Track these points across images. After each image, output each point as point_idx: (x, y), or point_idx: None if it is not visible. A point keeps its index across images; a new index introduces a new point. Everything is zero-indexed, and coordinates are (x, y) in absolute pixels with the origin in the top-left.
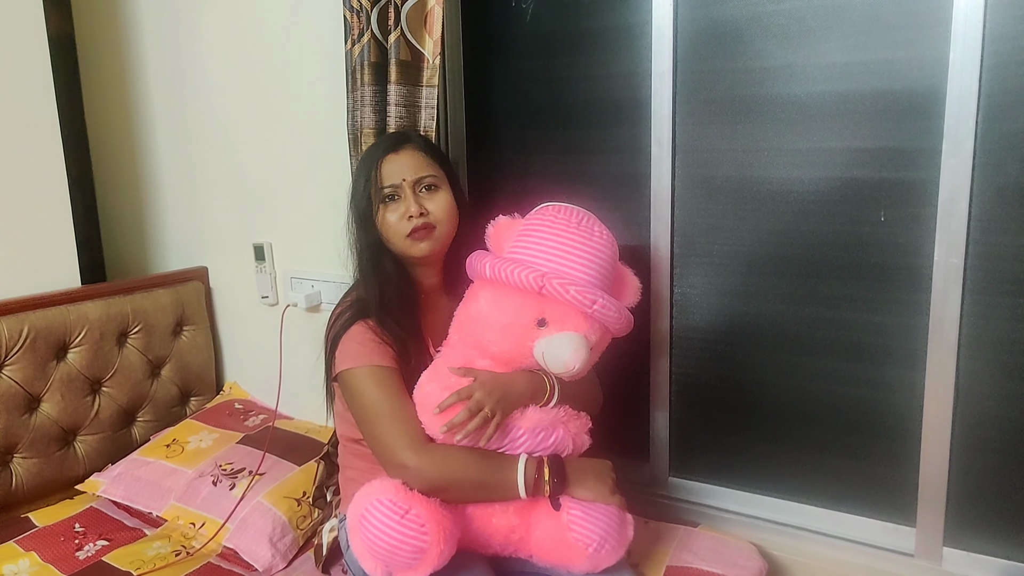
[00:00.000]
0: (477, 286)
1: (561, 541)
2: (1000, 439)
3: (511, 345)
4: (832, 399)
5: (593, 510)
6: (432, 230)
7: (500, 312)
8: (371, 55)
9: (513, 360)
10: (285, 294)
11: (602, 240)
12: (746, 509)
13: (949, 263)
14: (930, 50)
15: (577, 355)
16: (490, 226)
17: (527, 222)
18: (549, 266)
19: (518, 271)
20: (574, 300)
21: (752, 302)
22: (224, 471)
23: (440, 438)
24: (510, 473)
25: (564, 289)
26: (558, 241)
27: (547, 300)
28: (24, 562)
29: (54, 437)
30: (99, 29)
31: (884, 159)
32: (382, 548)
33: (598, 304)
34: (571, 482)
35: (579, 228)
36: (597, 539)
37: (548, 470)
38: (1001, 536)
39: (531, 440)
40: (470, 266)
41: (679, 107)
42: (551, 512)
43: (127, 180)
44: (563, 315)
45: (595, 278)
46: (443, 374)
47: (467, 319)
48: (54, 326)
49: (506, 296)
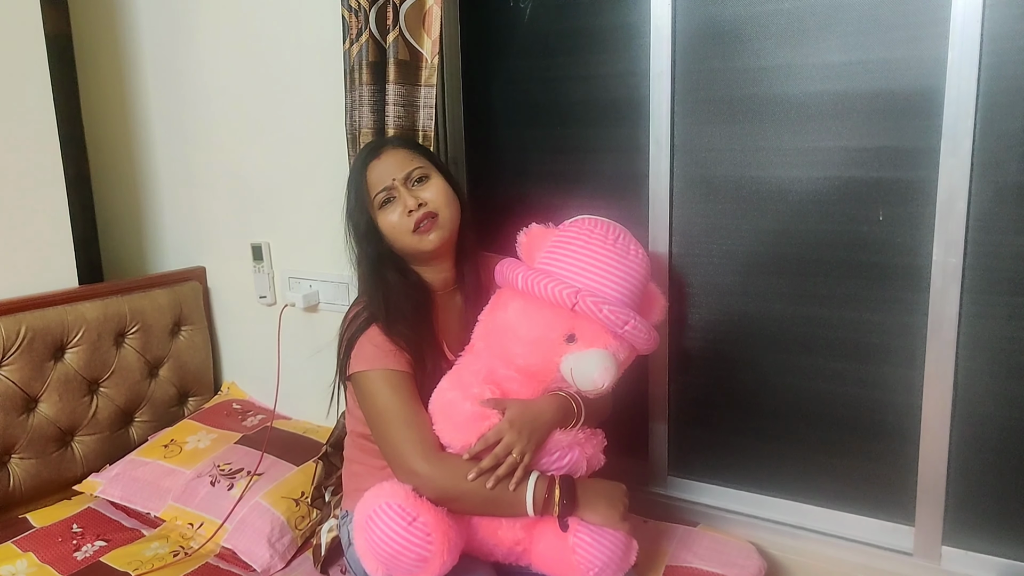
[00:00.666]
0: (507, 295)
1: (563, 560)
2: (999, 438)
3: (538, 359)
4: (831, 398)
5: (601, 536)
6: (436, 218)
7: (530, 325)
8: (369, 55)
9: (539, 374)
10: (283, 294)
11: (636, 259)
12: (745, 508)
13: (947, 262)
14: (928, 50)
15: (606, 373)
16: (522, 233)
17: (561, 233)
18: (582, 282)
19: (552, 286)
20: (607, 320)
21: (750, 301)
22: (222, 471)
23: (453, 450)
24: (520, 491)
25: (597, 308)
26: (593, 257)
27: (578, 317)
28: (22, 563)
29: (52, 437)
30: (97, 28)
31: (882, 159)
32: (386, 552)
33: (630, 325)
34: (581, 504)
35: (615, 245)
36: (599, 565)
37: (559, 491)
38: (1000, 535)
39: (546, 460)
40: (500, 273)
41: (677, 107)
42: (558, 531)
43: (124, 180)
44: (593, 332)
45: (627, 297)
46: (465, 383)
47: (494, 328)
48: (52, 326)
49: (536, 309)
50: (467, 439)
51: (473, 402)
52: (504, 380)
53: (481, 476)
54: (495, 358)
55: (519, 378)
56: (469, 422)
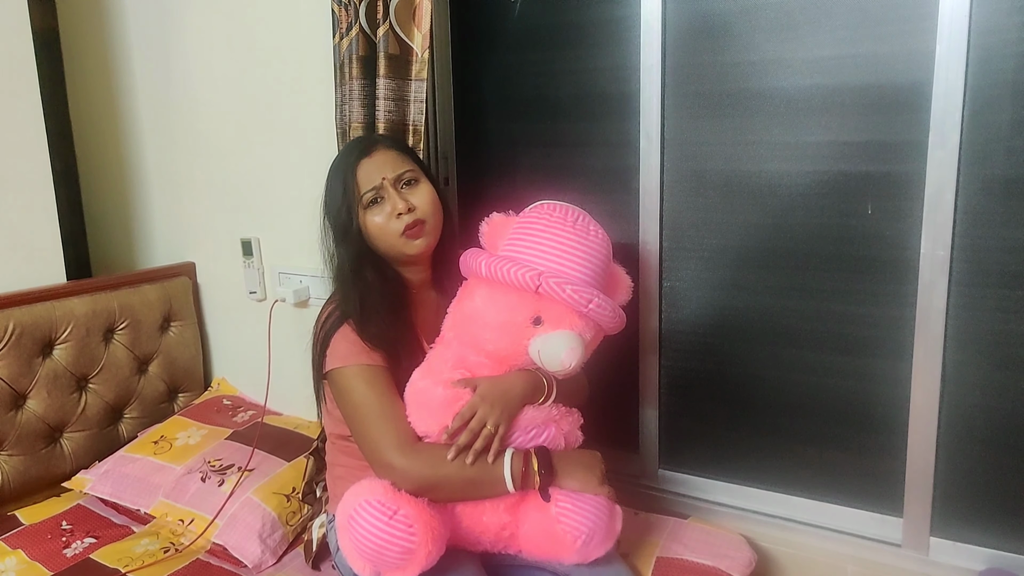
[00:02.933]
0: (472, 284)
1: (550, 534)
2: (986, 429)
3: (507, 343)
4: (820, 391)
5: (582, 501)
6: (423, 225)
7: (496, 310)
8: (359, 49)
9: (508, 358)
10: (273, 289)
11: (597, 239)
12: (735, 501)
13: (936, 255)
14: (916, 43)
15: (573, 353)
16: (484, 223)
17: (521, 220)
18: (545, 265)
19: (514, 270)
20: (570, 299)
21: (740, 295)
22: (213, 467)
23: (432, 438)
24: (497, 469)
25: (560, 288)
26: (554, 240)
27: (543, 299)
28: (11, 560)
29: (40, 434)
30: (83, 23)
31: (871, 152)
32: (370, 548)
33: (593, 303)
34: (559, 473)
35: (575, 227)
36: (586, 531)
37: (536, 461)
38: (987, 526)
39: (523, 438)
40: (464, 263)
41: (668, 101)
42: (540, 505)
43: (112, 175)
44: (558, 314)
45: (590, 277)
46: (436, 370)
47: (462, 317)
48: (40, 322)
49: (502, 294)
50: (444, 423)
51: (445, 386)
52: (475, 367)
53: (460, 455)
54: (465, 346)
55: (489, 363)
56: (443, 406)
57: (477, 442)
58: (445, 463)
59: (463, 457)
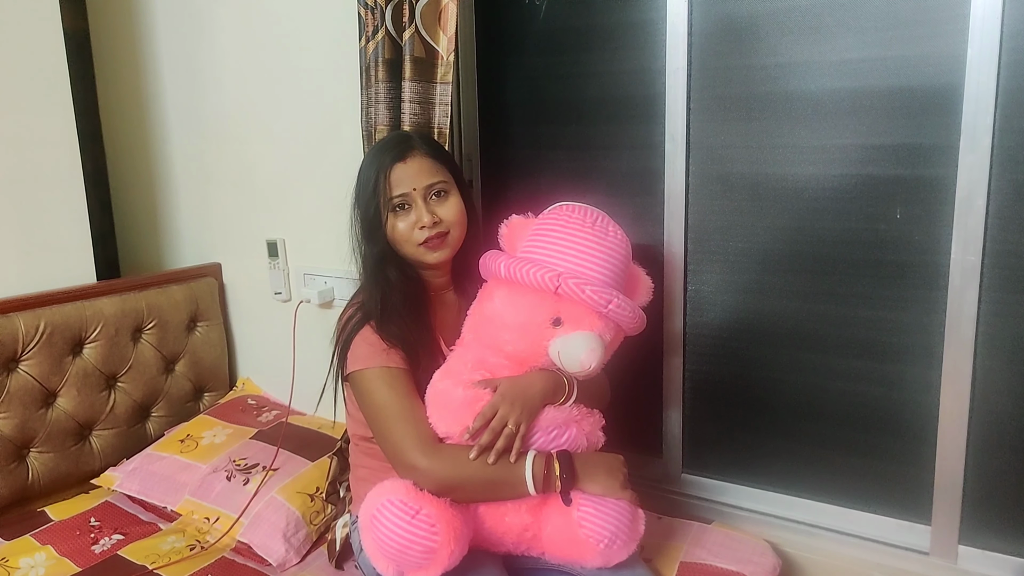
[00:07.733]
0: (491, 285)
1: (572, 538)
2: (1016, 437)
3: (526, 345)
4: (847, 396)
5: (604, 505)
6: (445, 237)
7: (515, 312)
8: (385, 52)
9: (528, 359)
10: (298, 290)
11: (616, 240)
12: (760, 506)
13: (966, 260)
14: (948, 46)
15: (593, 354)
16: (503, 225)
17: (540, 221)
18: (564, 266)
19: (534, 271)
20: (589, 300)
21: (766, 299)
22: (238, 466)
23: (452, 439)
24: (519, 470)
25: (580, 289)
26: (573, 241)
27: (562, 300)
28: (40, 555)
29: (70, 432)
30: (114, 25)
31: (900, 156)
32: (393, 548)
33: (613, 304)
34: (581, 477)
35: (593, 228)
36: (608, 535)
37: (558, 465)
38: (1017, 534)
39: (544, 438)
40: (484, 265)
41: (693, 104)
42: (562, 509)
43: (141, 176)
44: (578, 314)
45: (610, 277)
46: (456, 371)
47: (482, 319)
48: (70, 322)
49: (521, 296)
50: (464, 424)
51: (465, 387)
52: (495, 368)
53: (482, 455)
54: (485, 348)
55: (509, 365)
56: (464, 407)
57: (499, 441)
58: (467, 463)
59: (485, 457)
